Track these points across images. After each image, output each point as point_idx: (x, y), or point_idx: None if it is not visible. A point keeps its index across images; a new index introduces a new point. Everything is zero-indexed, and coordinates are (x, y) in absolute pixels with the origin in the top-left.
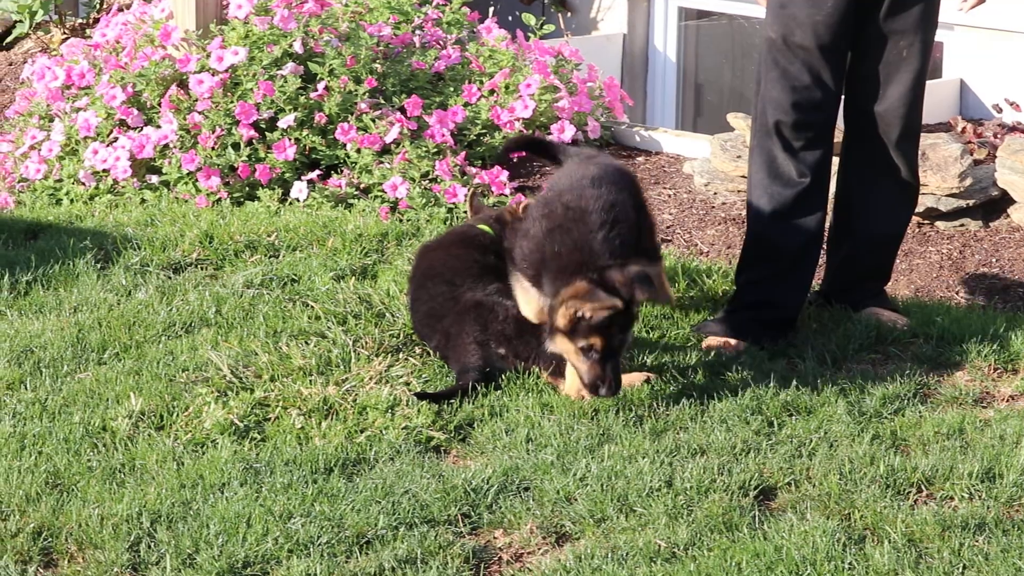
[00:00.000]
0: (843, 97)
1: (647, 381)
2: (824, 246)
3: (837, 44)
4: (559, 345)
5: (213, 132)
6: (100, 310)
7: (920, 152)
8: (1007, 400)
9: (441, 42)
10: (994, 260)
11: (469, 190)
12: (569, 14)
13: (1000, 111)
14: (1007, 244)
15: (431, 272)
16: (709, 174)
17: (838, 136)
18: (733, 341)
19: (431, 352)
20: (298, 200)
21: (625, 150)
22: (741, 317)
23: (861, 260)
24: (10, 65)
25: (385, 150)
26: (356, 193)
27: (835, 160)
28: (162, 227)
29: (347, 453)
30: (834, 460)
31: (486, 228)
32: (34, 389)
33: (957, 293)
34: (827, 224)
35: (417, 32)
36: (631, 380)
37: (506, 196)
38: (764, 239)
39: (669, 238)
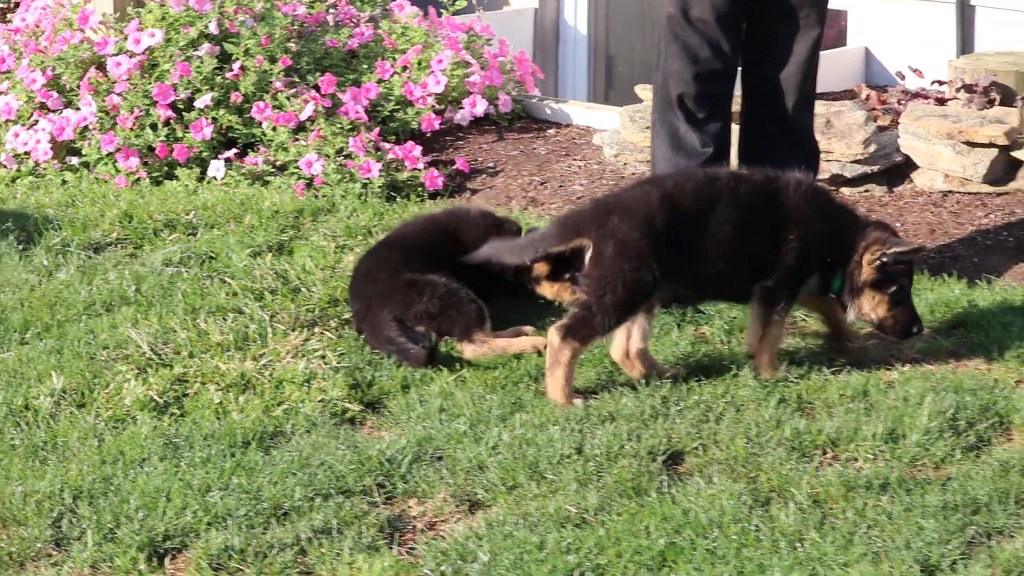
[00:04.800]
0: (740, 67)
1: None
2: None
3: (734, 15)
4: (865, 302)
5: (131, 113)
6: (22, 291)
7: (825, 119)
8: (910, 362)
9: (354, 20)
10: (899, 224)
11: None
12: None
13: (903, 78)
14: (911, 208)
15: (397, 241)
16: (619, 145)
17: (736, 106)
18: None
19: (350, 318)
20: (216, 178)
21: (536, 123)
22: None
23: None
24: None
25: (300, 127)
26: (272, 170)
27: (735, 129)
28: (82, 208)
29: (264, 426)
30: (741, 424)
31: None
32: None
33: None
34: None
35: (331, 11)
36: (521, 346)
37: (419, 171)
38: None
39: None
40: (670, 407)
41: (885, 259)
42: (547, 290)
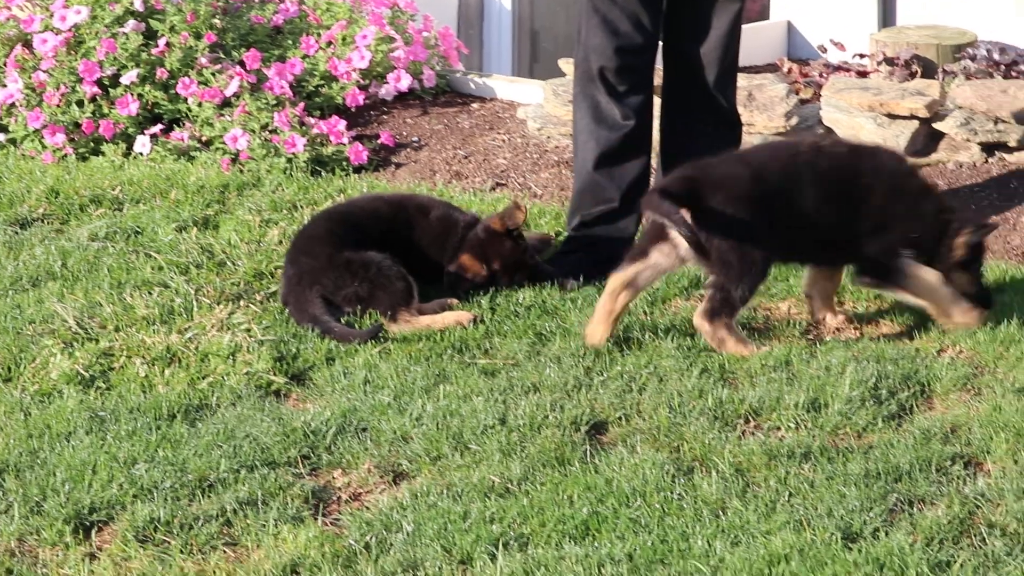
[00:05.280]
0: (662, 40)
1: (470, 322)
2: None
3: None
4: (956, 281)
5: (58, 90)
6: None
7: (747, 93)
8: (833, 331)
9: None
10: None
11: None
12: None
13: (825, 51)
14: None
15: (347, 216)
16: (542, 119)
17: (659, 79)
18: (567, 281)
19: (278, 288)
20: (142, 154)
21: (460, 97)
22: (574, 258)
23: None
24: None
25: (226, 103)
26: (198, 146)
27: (657, 102)
28: (9, 184)
29: (190, 399)
30: (664, 394)
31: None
32: None
33: None
34: (654, 165)
35: None
36: (445, 322)
37: (344, 145)
38: (592, 182)
39: (504, 182)
40: (593, 377)
41: (977, 239)
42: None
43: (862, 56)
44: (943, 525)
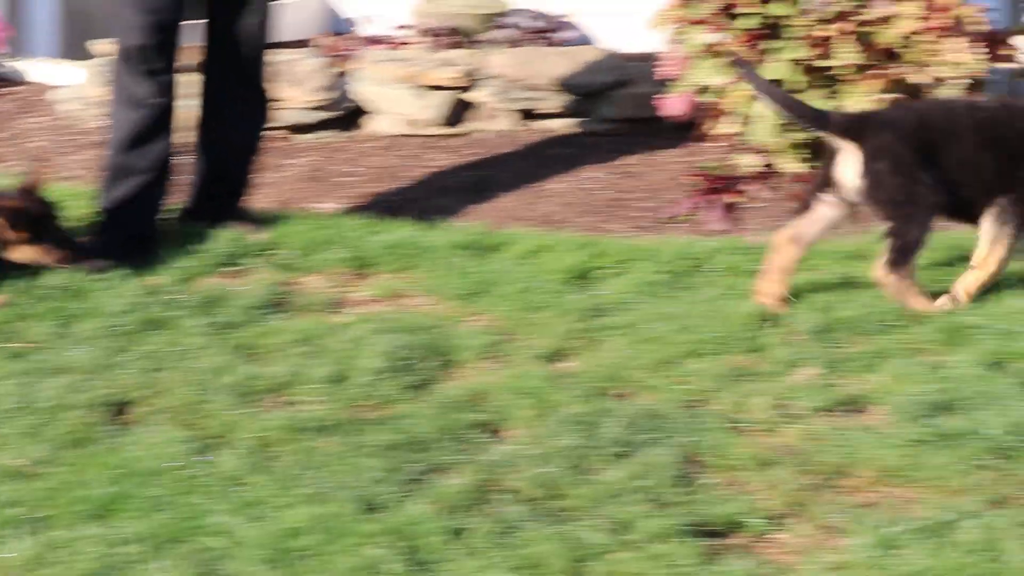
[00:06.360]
0: (205, 18)
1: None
2: (188, 165)
3: None
4: None
5: None
6: None
7: (282, 67)
8: (359, 304)
9: None
10: (355, 169)
11: None
12: None
13: (362, 24)
14: (368, 153)
15: None
16: (82, 100)
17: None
18: (97, 262)
19: None
20: None
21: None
22: (104, 239)
23: (219, 176)
24: None
25: None
26: None
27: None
28: None
29: None
30: (189, 372)
31: None
32: None
33: (319, 203)
34: (189, 143)
35: None
36: None
37: None
38: (120, 164)
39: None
40: (120, 357)
41: None
42: (24, 254)
43: (402, 28)
44: (462, 492)
